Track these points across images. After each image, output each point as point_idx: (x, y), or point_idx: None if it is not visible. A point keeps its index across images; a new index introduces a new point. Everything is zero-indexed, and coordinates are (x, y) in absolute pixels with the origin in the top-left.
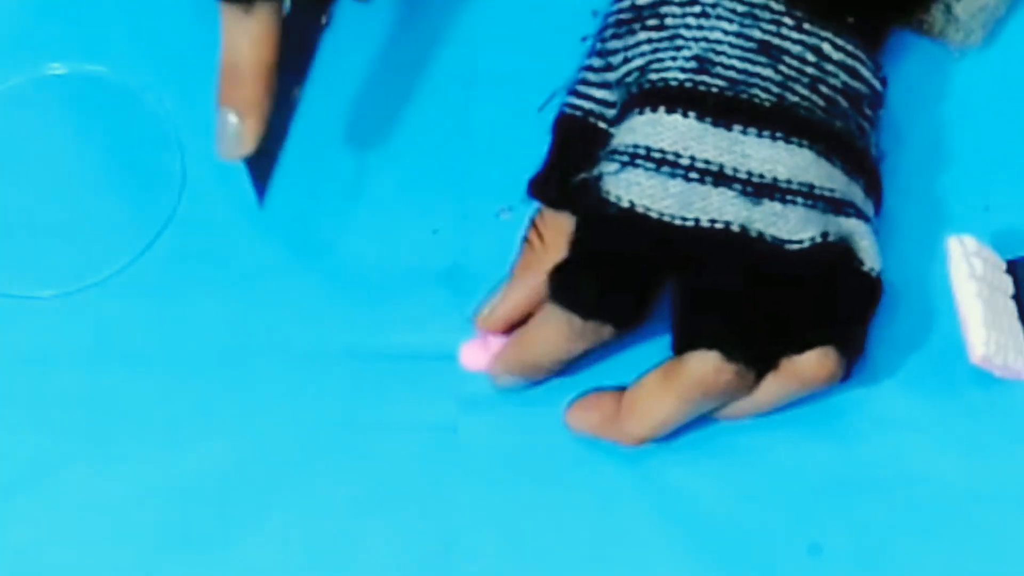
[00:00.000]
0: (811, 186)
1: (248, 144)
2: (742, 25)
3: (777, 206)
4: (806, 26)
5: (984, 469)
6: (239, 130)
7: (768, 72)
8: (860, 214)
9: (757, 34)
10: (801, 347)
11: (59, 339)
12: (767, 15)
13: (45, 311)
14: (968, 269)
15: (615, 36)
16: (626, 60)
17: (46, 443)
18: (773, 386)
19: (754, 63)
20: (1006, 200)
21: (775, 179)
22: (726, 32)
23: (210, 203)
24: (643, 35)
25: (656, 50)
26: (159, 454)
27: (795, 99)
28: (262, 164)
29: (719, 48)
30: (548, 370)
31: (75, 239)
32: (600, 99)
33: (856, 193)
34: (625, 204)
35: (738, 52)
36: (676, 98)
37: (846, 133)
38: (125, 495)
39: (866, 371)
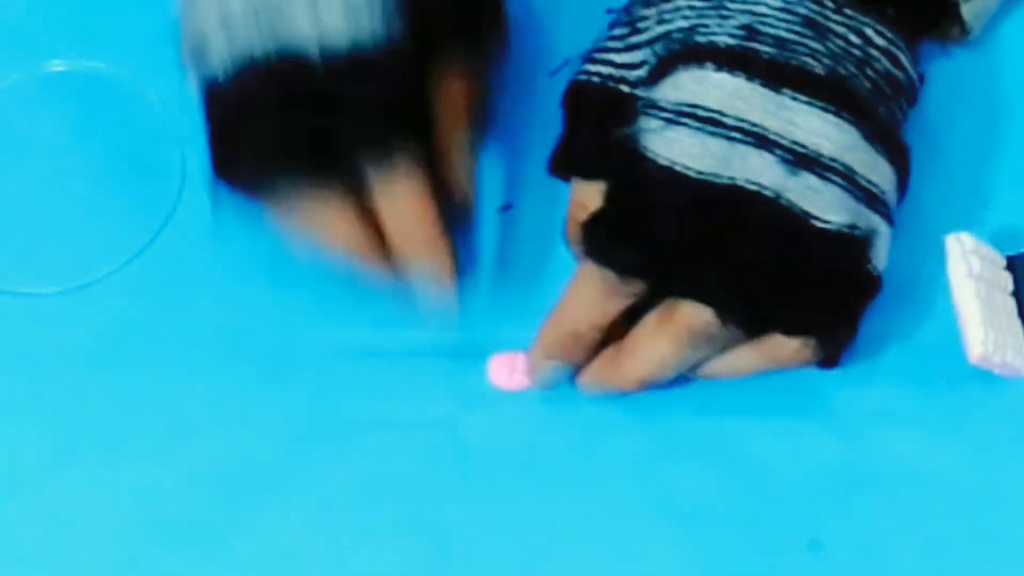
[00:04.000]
0: (852, 169)
1: (448, 276)
2: (786, 2)
3: (814, 180)
4: (847, 11)
5: (984, 466)
6: (434, 272)
7: (817, 45)
8: (887, 214)
9: (802, 11)
10: (788, 327)
11: (59, 338)
12: None
13: (45, 310)
14: (966, 267)
15: (645, 3)
16: (662, 21)
17: (46, 443)
18: (750, 357)
19: (802, 35)
20: (1006, 196)
21: (819, 153)
22: (771, 7)
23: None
24: (683, 1)
25: (701, 15)
26: (159, 453)
27: (845, 73)
28: None
29: (765, 20)
30: (587, 339)
31: (75, 237)
32: (621, 63)
33: (890, 187)
34: (664, 162)
35: (784, 24)
36: (725, 57)
37: (890, 120)
38: (125, 494)
39: (866, 368)
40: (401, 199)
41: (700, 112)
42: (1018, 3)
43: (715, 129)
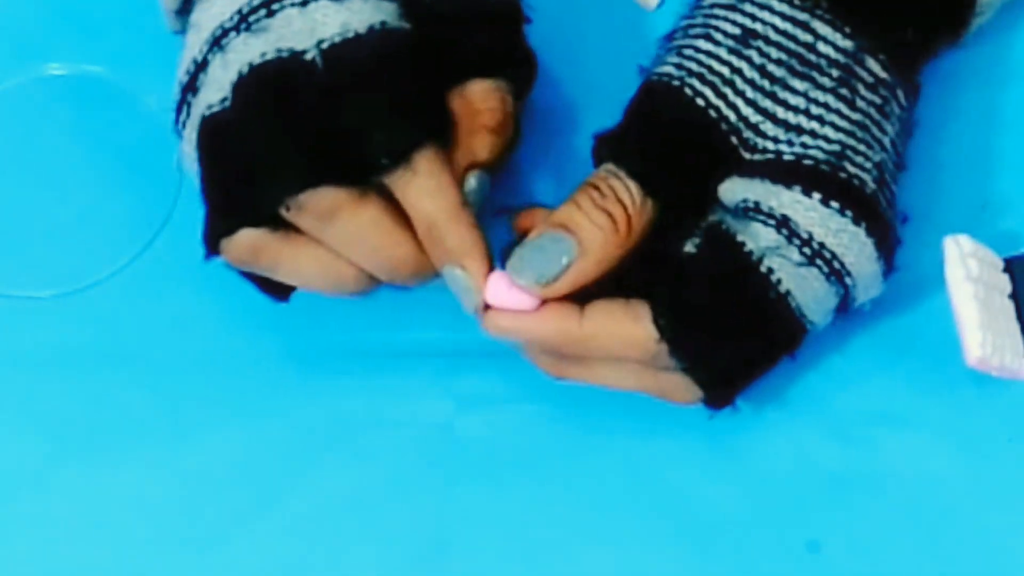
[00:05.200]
0: (855, 285)
1: (482, 287)
2: (898, 134)
3: (815, 273)
4: (904, 104)
5: (981, 467)
6: (469, 280)
7: (895, 185)
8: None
9: (901, 146)
10: (698, 365)
11: (59, 339)
12: (897, 110)
13: (45, 311)
14: (964, 270)
15: (795, 73)
16: (809, 114)
17: (46, 443)
18: (635, 377)
19: (896, 177)
20: (1004, 198)
21: (847, 268)
22: (892, 142)
23: None
24: (832, 100)
25: (852, 134)
26: (156, 454)
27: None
28: None
29: (888, 165)
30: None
31: (74, 239)
32: (744, 116)
33: (866, 299)
34: (787, 296)
35: (891, 167)
36: (866, 211)
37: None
38: (125, 495)
39: (864, 370)
40: (426, 200)
41: (835, 264)
42: (1014, 6)
43: (839, 286)
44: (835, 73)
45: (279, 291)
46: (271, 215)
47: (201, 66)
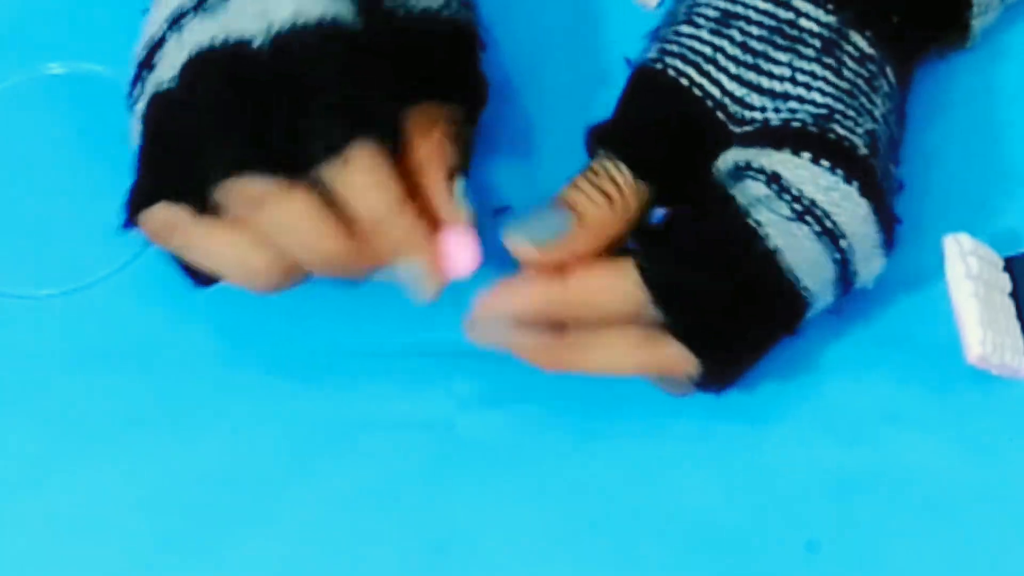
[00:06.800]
0: (853, 251)
1: (436, 275)
2: (890, 112)
3: (806, 232)
4: (893, 84)
5: (981, 467)
6: (419, 270)
7: (892, 166)
8: (840, 294)
9: (894, 126)
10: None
11: (57, 340)
12: (887, 87)
13: (45, 310)
14: (964, 268)
15: (777, 47)
16: (797, 82)
17: (46, 442)
18: (629, 353)
19: (890, 156)
20: (1004, 197)
21: (839, 228)
22: (884, 118)
23: None
24: (818, 69)
25: (839, 99)
26: (157, 454)
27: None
28: None
29: (881, 138)
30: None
31: (74, 238)
32: (729, 91)
33: (869, 278)
34: (778, 256)
35: (885, 141)
36: (864, 180)
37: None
38: (124, 495)
39: (864, 368)
40: (368, 194)
41: (827, 223)
42: (1015, 8)
43: (834, 248)
44: (818, 44)
45: (200, 277)
46: (199, 198)
47: (158, 44)
